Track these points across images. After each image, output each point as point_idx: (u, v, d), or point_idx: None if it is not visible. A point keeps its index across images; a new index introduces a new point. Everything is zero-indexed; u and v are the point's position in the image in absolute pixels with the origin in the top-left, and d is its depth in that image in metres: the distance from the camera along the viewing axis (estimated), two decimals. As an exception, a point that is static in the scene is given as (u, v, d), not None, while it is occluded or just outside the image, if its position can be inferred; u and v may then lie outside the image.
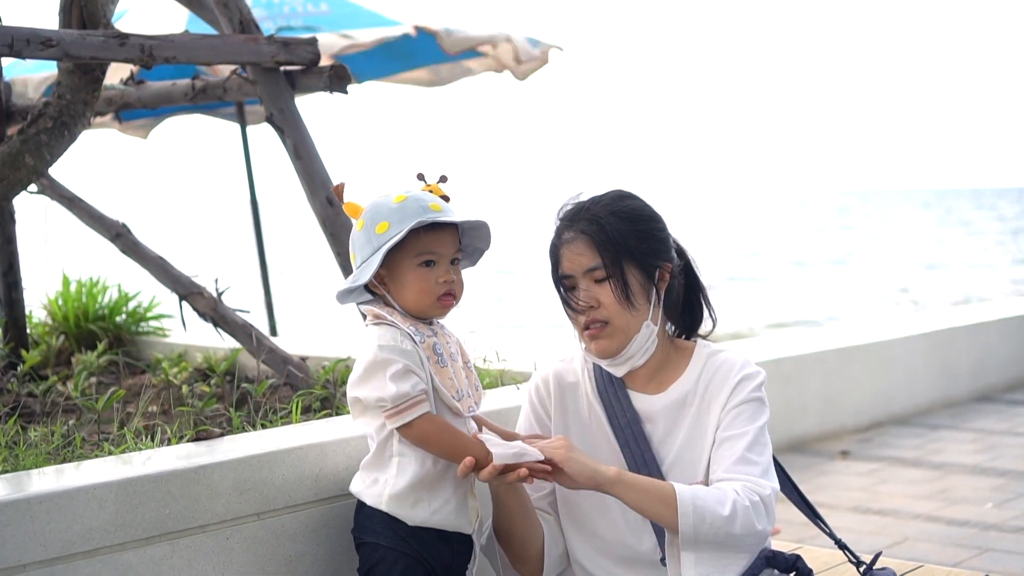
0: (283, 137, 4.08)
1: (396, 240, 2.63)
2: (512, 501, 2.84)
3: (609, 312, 2.79)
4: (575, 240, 2.82)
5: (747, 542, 2.67)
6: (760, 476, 2.72)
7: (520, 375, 3.84)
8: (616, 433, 2.89)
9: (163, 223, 56.92)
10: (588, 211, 2.84)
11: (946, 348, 9.03)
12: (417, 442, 2.66)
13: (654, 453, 2.85)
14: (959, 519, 5.98)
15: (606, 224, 2.79)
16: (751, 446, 2.76)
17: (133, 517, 2.61)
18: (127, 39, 3.76)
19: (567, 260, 2.83)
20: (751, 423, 2.80)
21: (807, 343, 8.38)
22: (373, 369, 2.63)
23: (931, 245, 49.21)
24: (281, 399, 4.00)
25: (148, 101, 4.57)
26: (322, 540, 2.91)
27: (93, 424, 3.63)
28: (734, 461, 2.74)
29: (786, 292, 30.40)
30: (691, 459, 2.84)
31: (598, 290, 2.80)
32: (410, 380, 2.62)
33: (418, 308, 2.72)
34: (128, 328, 5.52)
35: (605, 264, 2.78)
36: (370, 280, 2.68)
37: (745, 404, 2.82)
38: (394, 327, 2.67)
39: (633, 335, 2.82)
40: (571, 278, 2.83)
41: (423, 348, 2.68)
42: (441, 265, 2.72)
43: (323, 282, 14.97)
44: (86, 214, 4.85)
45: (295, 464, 2.88)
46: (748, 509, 2.63)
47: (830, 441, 7.83)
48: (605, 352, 2.84)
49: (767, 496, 2.68)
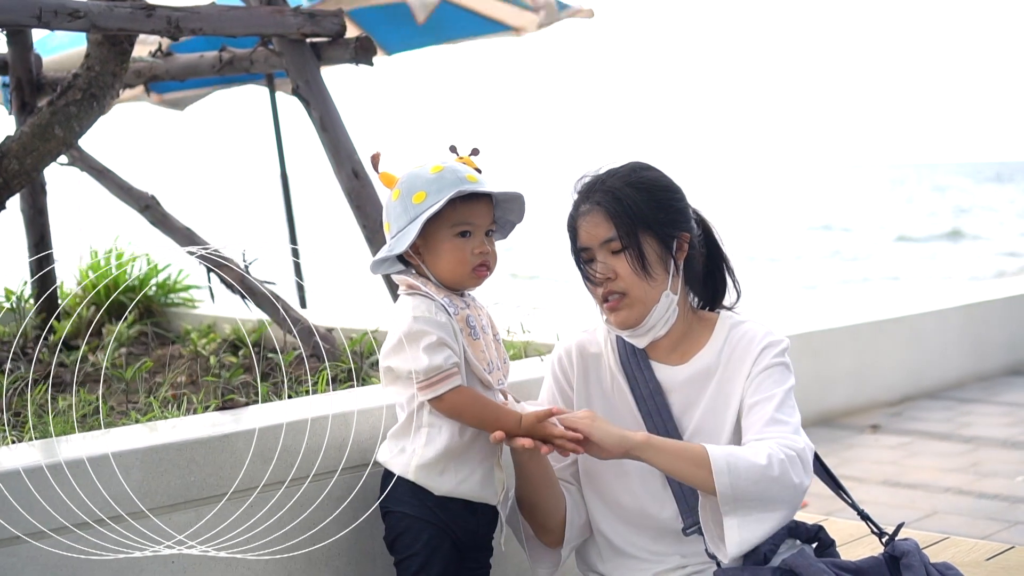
0: (309, 109, 4.10)
1: (435, 210, 2.64)
2: (535, 471, 2.85)
3: (626, 283, 2.79)
4: (591, 212, 2.82)
5: (785, 496, 2.60)
6: (792, 433, 2.69)
7: (544, 347, 3.85)
8: (639, 404, 2.90)
9: (193, 195, 57.07)
10: (603, 183, 2.84)
11: (979, 322, 8.96)
12: (449, 414, 2.67)
13: (676, 423, 2.85)
14: (989, 492, 5.95)
15: (621, 195, 2.79)
16: (780, 407, 2.74)
17: (159, 484, 2.64)
18: (154, 11, 3.78)
19: (584, 233, 2.83)
20: (778, 386, 2.78)
21: (837, 316, 8.33)
22: (408, 340, 2.64)
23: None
24: (308, 370, 4.03)
25: (176, 73, 4.59)
26: (346, 509, 2.93)
27: (122, 394, 3.67)
28: (764, 423, 2.71)
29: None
30: (712, 429, 2.83)
31: (615, 261, 2.79)
32: (443, 352, 2.63)
33: (453, 278, 2.73)
34: (158, 299, 5.57)
35: (620, 235, 2.77)
36: (405, 250, 2.69)
37: (770, 369, 2.80)
38: (429, 298, 2.68)
39: (652, 305, 2.81)
40: (589, 250, 2.83)
41: (457, 320, 2.69)
42: (476, 236, 2.72)
43: (350, 254, 14.99)
44: (115, 185, 4.88)
45: (319, 433, 2.89)
46: (784, 461, 2.59)
47: (860, 415, 7.80)
48: (624, 323, 2.84)
49: (801, 450, 2.64)
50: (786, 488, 2.60)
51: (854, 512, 3.00)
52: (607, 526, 2.95)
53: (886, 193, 75.87)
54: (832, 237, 40.52)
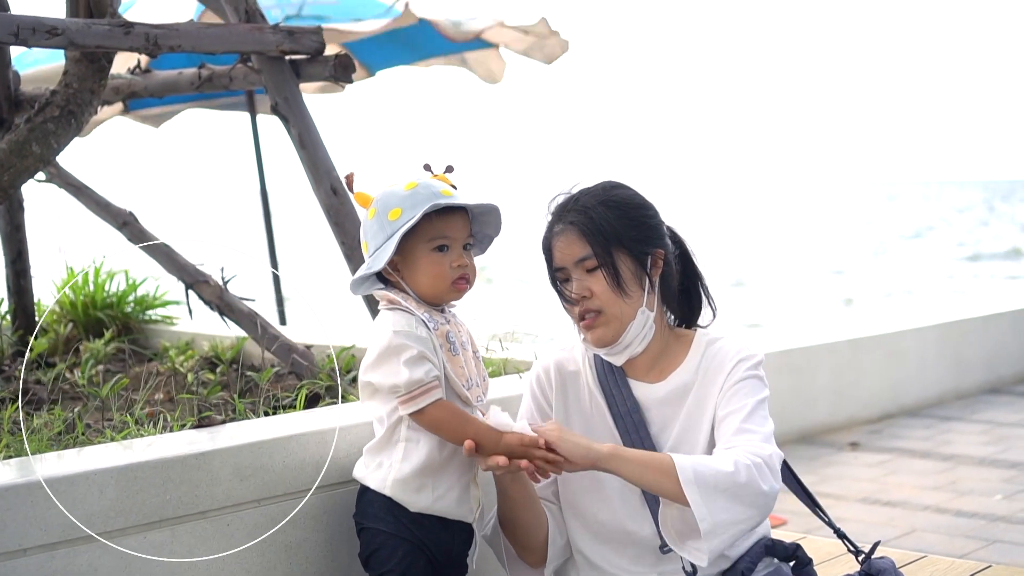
0: (288, 126, 4.09)
1: (410, 224, 2.64)
2: (517, 491, 2.85)
3: (602, 301, 2.80)
4: (564, 232, 2.83)
5: (754, 502, 2.59)
6: (761, 441, 2.68)
7: (522, 364, 3.84)
8: (616, 421, 2.90)
9: (171, 212, 56.89)
10: (576, 203, 2.85)
11: (957, 340, 9.00)
12: (429, 427, 2.67)
13: (654, 441, 2.86)
14: (968, 511, 5.97)
15: (594, 214, 2.80)
16: (749, 417, 2.73)
17: (133, 503, 2.62)
18: (132, 28, 3.77)
19: (558, 252, 2.84)
20: (749, 398, 2.78)
21: (817, 334, 8.36)
22: (387, 354, 2.64)
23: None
24: (286, 387, 4.01)
25: (155, 90, 4.58)
26: (322, 527, 2.92)
27: (97, 411, 3.65)
28: (732, 433, 2.72)
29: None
30: (689, 447, 2.83)
31: (590, 280, 2.80)
32: (424, 366, 2.63)
33: (433, 293, 2.73)
34: (136, 316, 5.54)
35: (595, 253, 2.78)
36: (384, 267, 2.69)
37: (743, 382, 2.80)
38: (409, 313, 2.68)
39: (628, 323, 2.82)
40: (564, 270, 2.84)
41: (437, 335, 2.69)
42: (454, 249, 2.73)
43: (329, 271, 14.98)
44: (93, 202, 4.86)
45: (296, 451, 2.89)
46: (751, 467, 2.58)
47: (840, 432, 7.82)
48: (601, 341, 2.84)
49: (768, 456, 2.63)
50: (754, 494, 2.59)
51: (832, 531, 3.00)
52: (585, 544, 2.94)
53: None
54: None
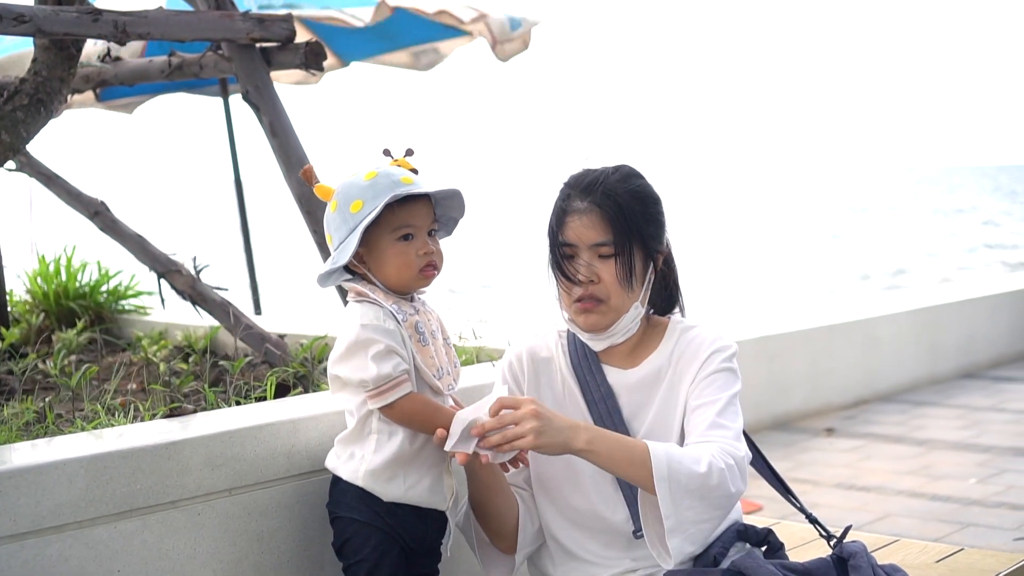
0: (259, 114, 4.07)
1: (372, 217, 2.63)
2: (487, 477, 2.84)
3: (609, 290, 2.77)
4: (588, 212, 2.77)
5: (722, 504, 2.62)
6: (733, 439, 2.70)
7: (495, 352, 3.84)
8: (590, 407, 2.89)
9: (145, 201, 56.54)
10: (603, 184, 2.78)
11: (932, 325, 9.05)
12: (400, 421, 2.66)
13: (627, 426, 2.85)
14: (942, 495, 6.00)
15: (622, 201, 2.75)
16: (722, 412, 2.74)
17: (103, 492, 2.60)
18: (100, 15, 3.74)
19: (573, 229, 2.78)
20: (722, 391, 2.78)
21: (793, 321, 8.39)
22: (355, 348, 2.63)
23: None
24: (258, 377, 4.00)
25: (125, 78, 4.55)
26: (294, 516, 2.92)
27: (69, 401, 3.63)
28: (706, 426, 2.72)
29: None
30: (662, 432, 2.83)
31: (601, 266, 2.77)
32: (392, 360, 2.62)
33: (400, 282, 2.72)
34: (109, 306, 5.51)
35: (616, 242, 2.74)
36: (350, 260, 2.67)
37: (716, 374, 2.80)
38: (377, 305, 2.66)
39: (623, 315, 2.82)
40: (573, 247, 2.79)
41: (405, 327, 2.67)
42: (419, 237, 2.71)
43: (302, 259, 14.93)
44: (64, 191, 4.83)
45: (267, 440, 2.87)
46: (723, 471, 2.59)
47: (815, 418, 7.85)
48: (593, 327, 2.83)
49: (740, 459, 2.65)
50: (722, 496, 2.61)
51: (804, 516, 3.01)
52: (559, 530, 2.94)
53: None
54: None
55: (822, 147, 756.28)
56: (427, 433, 2.67)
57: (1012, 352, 9.75)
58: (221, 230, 24.66)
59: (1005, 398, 8.32)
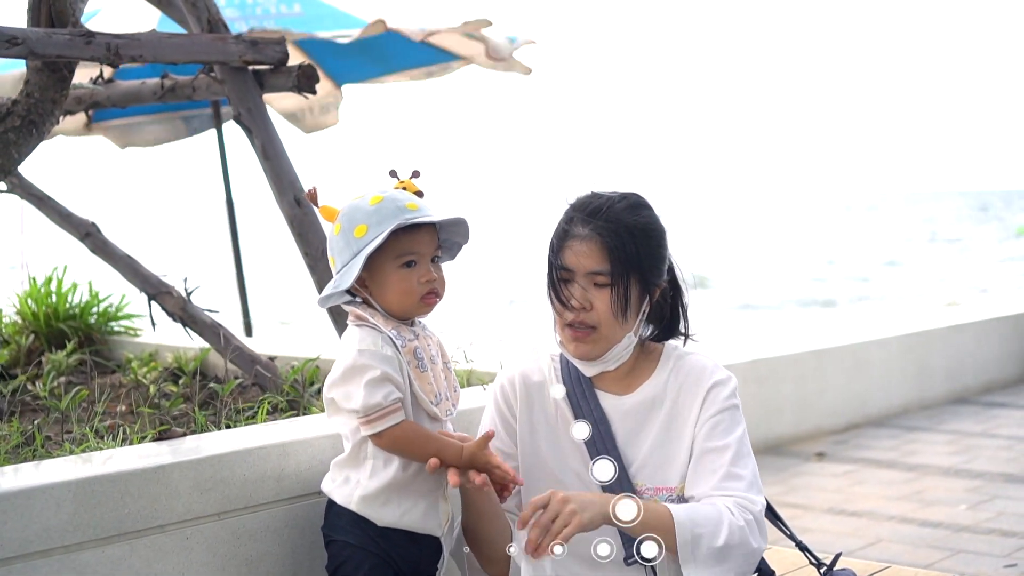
0: (251, 137, 4.07)
1: (376, 244, 2.62)
2: (481, 503, 2.83)
3: (601, 319, 2.77)
4: (589, 239, 2.76)
5: (743, 562, 2.65)
6: (747, 490, 2.71)
7: (486, 375, 3.84)
8: (582, 433, 2.89)
9: (136, 223, 56.35)
10: (608, 212, 2.77)
11: (922, 350, 9.05)
12: (390, 449, 2.66)
13: (620, 453, 2.85)
14: (933, 520, 5.99)
15: (623, 231, 2.75)
16: (735, 459, 2.75)
17: (91, 517, 2.60)
18: (93, 37, 3.74)
19: (573, 254, 2.78)
20: (730, 434, 2.79)
21: (783, 345, 8.39)
22: (351, 374, 2.62)
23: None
24: (248, 399, 3.99)
25: (118, 100, 4.55)
26: (284, 540, 2.90)
27: (57, 424, 3.61)
28: (721, 477, 2.73)
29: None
30: (661, 462, 2.83)
31: (595, 294, 2.76)
32: (384, 389, 2.61)
33: (402, 309, 2.71)
34: (99, 327, 5.49)
35: (613, 272, 2.74)
36: (352, 284, 2.67)
37: (722, 413, 2.81)
38: (376, 330, 2.66)
39: (614, 344, 2.81)
40: (570, 271, 2.78)
41: (404, 352, 2.67)
42: (422, 264, 2.70)
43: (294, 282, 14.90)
44: (55, 213, 4.82)
45: (256, 464, 2.86)
46: (743, 528, 2.63)
47: (806, 443, 7.84)
48: (584, 356, 2.83)
49: (758, 512, 2.68)
50: (744, 554, 2.64)
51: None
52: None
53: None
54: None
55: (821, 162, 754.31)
56: (418, 461, 2.66)
57: (1002, 377, 9.76)
58: (212, 252, 24.63)
59: (996, 424, 8.32)
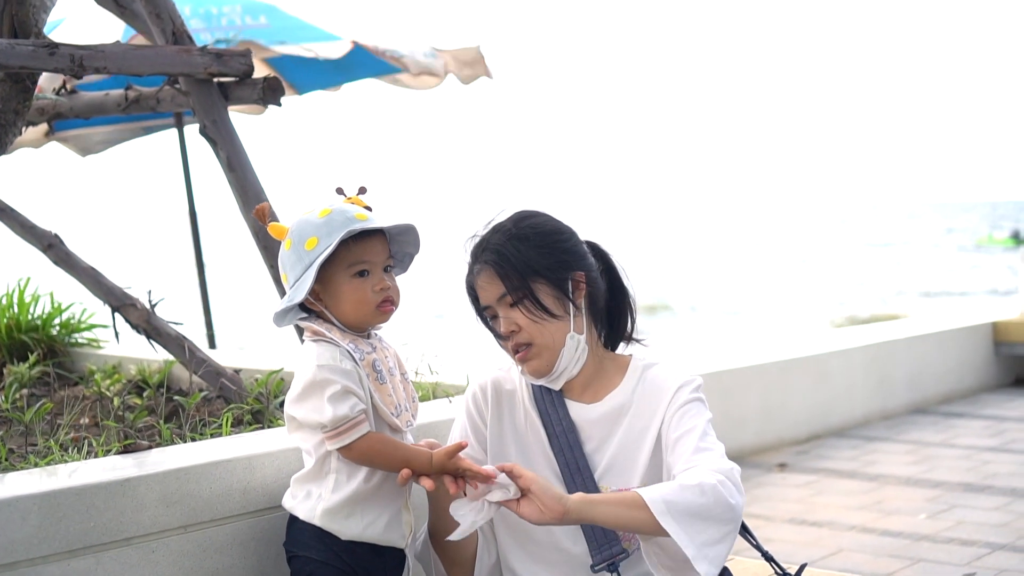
0: (216, 149, 4.07)
1: (327, 253, 2.63)
2: (447, 502, 2.84)
3: (529, 333, 2.84)
4: (482, 272, 2.87)
5: (725, 516, 2.63)
6: (719, 458, 2.73)
7: (452, 388, 3.84)
8: (551, 441, 2.92)
9: (99, 234, 55.96)
10: (489, 241, 2.88)
11: (883, 361, 9.12)
12: (359, 461, 2.66)
13: (588, 460, 2.88)
14: (893, 530, 6.04)
15: (504, 250, 2.84)
16: (703, 436, 2.79)
17: (56, 530, 2.59)
18: (57, 48, 3.73)
19: (481, 292, 2.89)
20: (697, 418, 2.84)
21: (746, 356, 8.43)
22: (311, 389, 2.63)
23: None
24: (213, 412, 3.98)
25: (81, 111, 4.54)
26: (250, 553, 2.90)
27: (21, 436, 3.59)
28: (691, 453, 2.75)
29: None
30: (624, 466, 2.86)
31: (514, 314, 2.84)
32: (348, 401, 2.61)
33: (358, 319, 2.72)
34: (61, 339, 5.46)
35: (511, 288, 2.82)
36: (306, 297, 2.67)
37: (687, 405, 2.86)
38: (333, 344, 2.66)
39: (560, 349, 2.85)
40: (490, 308, 2.89)
41: (363, 365, 2.67)
42: (375, 273, 2.72)
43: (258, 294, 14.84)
44: (17, 224, 4.78)
45: (222, 477, 2.86)
46: (716, 486, 2.62)
47: (768, 453, 7.88)
48: (538, 372, 2.89)
49: (729, 470, 2.68)
50: (724, 509, 2.63)
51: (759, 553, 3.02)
52: (517, 563, 2.95)
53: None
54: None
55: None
56: (388, 471, 2.67)
57: (961, 388, 9.85)
58: (176, 264, 24.49)
59: (955, 433, 8.39)
